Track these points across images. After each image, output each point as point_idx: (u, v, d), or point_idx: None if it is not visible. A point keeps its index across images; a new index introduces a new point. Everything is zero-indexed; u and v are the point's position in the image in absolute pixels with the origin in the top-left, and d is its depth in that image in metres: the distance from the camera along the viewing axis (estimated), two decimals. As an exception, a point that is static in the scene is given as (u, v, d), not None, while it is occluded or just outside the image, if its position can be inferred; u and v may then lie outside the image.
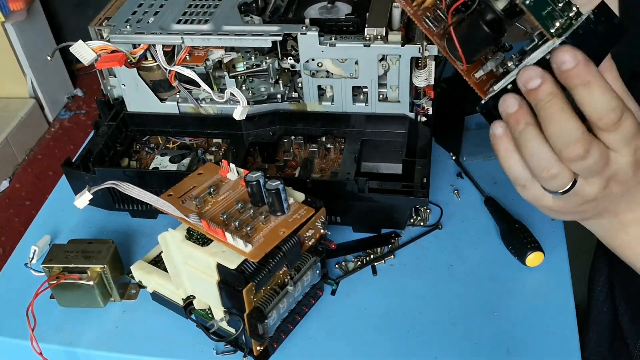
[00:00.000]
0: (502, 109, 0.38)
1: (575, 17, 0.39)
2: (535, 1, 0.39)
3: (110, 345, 0.55)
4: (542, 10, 0.39)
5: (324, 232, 0.53)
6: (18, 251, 0.65)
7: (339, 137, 0.67)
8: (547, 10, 0.39)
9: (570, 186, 0.39)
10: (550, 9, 0.39)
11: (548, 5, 0.39)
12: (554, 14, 0.39)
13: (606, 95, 0.35)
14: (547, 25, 0.39)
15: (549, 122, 0.37)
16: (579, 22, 0.38)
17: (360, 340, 0.54)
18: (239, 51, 0.65)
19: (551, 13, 0.39)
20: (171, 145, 0.70)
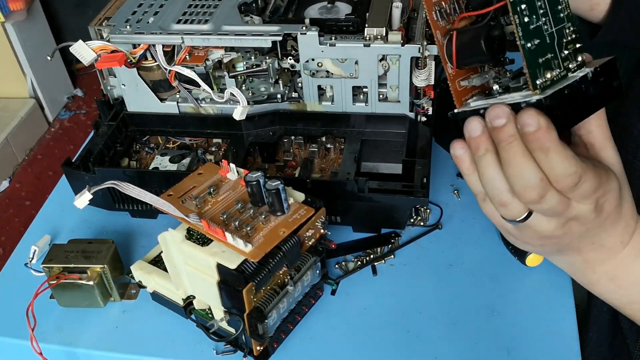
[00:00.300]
0: (465, 131, 0.39)
1: (575, 69, 0.38)
2: (537, 45, 0.38)
3: (110, 345, 0.55)
4: (539, 57, 0.38)
5: (324, 232, 0.53)
6: (18, 251, 0.65)
7: (339, 137, 0.67)
8: (546, 58, 0.38)
9: (523, 218, 0.40)
10: (551, 57, 0.38)
11: (550, 51, 0.38)
12: (551, 63, 0.38)
13: (564, 162, 0.36)
14: (536, 76, 0.38)
15: (507, 163, 0.37)
16: (571, 80, 0.37)
17: (360, 340, 0.54)
18: (239, 51, 0.65)
19: (549, 62, 0.38)
20: (171, 145, 0.70)
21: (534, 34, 0.38)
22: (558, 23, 0.38)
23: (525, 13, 0.38)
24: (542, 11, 0.38)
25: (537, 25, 0.38)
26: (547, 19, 0.38)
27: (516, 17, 0.38)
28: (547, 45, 0.38)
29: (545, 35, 0.38)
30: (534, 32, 0.38)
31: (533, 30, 0.38)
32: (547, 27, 0.38)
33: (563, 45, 0.38)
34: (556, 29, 0.38)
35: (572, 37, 0.38)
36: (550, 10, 0.38)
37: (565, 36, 0.38)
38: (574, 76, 0.37)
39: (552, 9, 0.38)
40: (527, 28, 0.38)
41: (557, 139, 0.35)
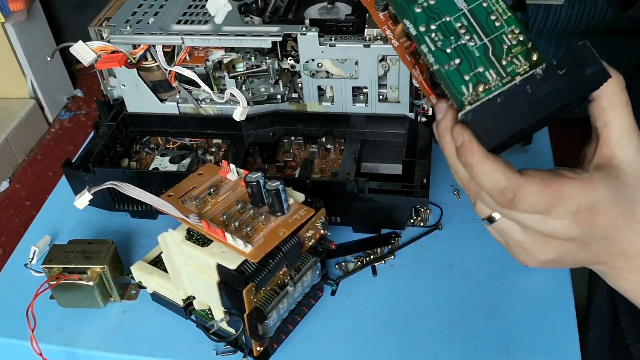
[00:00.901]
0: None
1: (528, 70, 0.36)
2: (461, 64, 0.37)
3: (110, 346, 0.55)
4: (465, 73, 0.37)
5: (324, 232, 0.53)
6: (18, 252, 0.65)
7: (339, 137, 0.67)
8: (476, 72, 0.37)
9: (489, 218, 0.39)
10: (484, 69, 0.37)
11: (481, 64, 0.37)
12: (485, 75, 0.37)
13: (491, 177, 0.34)
14: (461, 93, 0.37)
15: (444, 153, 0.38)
16: (508, 85, 0.36)
17: (361, 341, 0.54)
18: (239, 51, 0.65)
19: (482, 74, 0.37)
20: (171, 145, 0.70)
21: (453, 54, 0.38)
22: (492, 32, 0.38)
23: (437, 39, 0.38)
24: (463, 29, 0.38)
25: (456, 45, 0.38)
26: (472, 34, 0.38)
27: (423, 47, 0.38)
28: (477, 59, 0.37)
29: (471, 50, 0.38)
30: (453, 53, 0.38)
31: (452, 52, 0.38)
32: (473, 41, 0.38)
33: (504, 51, 0.37)
34: (489, 39, 0.38)
35: (517, 41, 0.37)
36: (477, 24, 0.38)
37: (505, 41, 0.37)
38: (514, 82, 0.36)
39: (481, 21, 0.38)
40: (442, 53, 0.38)
41: (479, 154, 0.34)
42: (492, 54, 0.37)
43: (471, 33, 0.38)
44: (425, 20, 0.38)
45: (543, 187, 0.34)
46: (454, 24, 0.38)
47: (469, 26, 0.38)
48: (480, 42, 0.37)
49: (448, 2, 0.38)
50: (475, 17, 0.38)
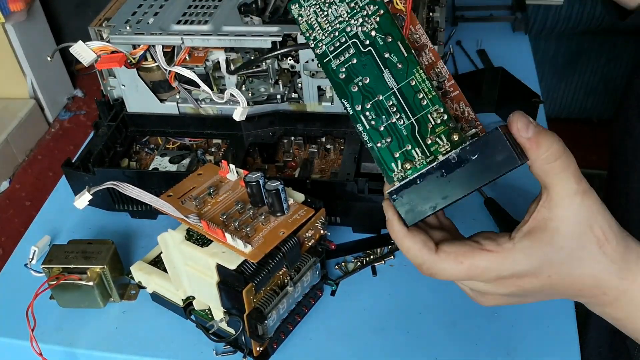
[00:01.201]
0: None
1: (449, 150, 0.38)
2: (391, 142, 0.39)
3: (110, 346, 0.55)
4: (395, 150, 0.39)
5: (323, 232, 0.53)
6: (18, 252, 0.65)
7: (339, 137, 0.67)
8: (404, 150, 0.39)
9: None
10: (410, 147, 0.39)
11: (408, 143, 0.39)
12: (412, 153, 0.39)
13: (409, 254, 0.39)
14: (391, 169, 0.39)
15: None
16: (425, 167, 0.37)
17: (360, 341, 0.54)
18: (239, 52, 0.65)
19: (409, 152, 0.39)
20: (171, 145, 0.70)
21: (384, 132, 0.39)
22: (418, 111, 0.39)
23: (370, 118, 0.39)
24: (393, 108, 0.39)
25: (387, 124, 0.39)
26: (402, 113, 0.39)
27: (359, 126, 0.40)
28: (405, 138, 0.39)
29: (400, 129, 0.39)
30: (384, 131, 0.39)
31: (384, 130, 0.39)
32: (402, 120, 0.39)
33: (428, 131, 0.38)
34: (416, 117, 0.39)
35: (441, 120, 0.38)
36: (406, 103, 0.39)
37: (430, 121, 0.38)
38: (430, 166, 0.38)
39: (409, 100, 0.39)
40: (375, 131, 0.39)
41: (399, 232, 0.39)
42: (417, 132, 0.39)
43: (400, 112, 0.39)
44: (360, 99, 0.40)
45: (456, 264, 0.38)
46: (386, 103, 0.39)
47: (398, 105, 0.39)
48: (408, 121, 0.39)
49: (380, 81, 0.39)
50: (404, 96, 0.39)
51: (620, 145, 0.66)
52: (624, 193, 0.66)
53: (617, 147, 0.68)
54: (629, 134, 0.64)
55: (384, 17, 0.39)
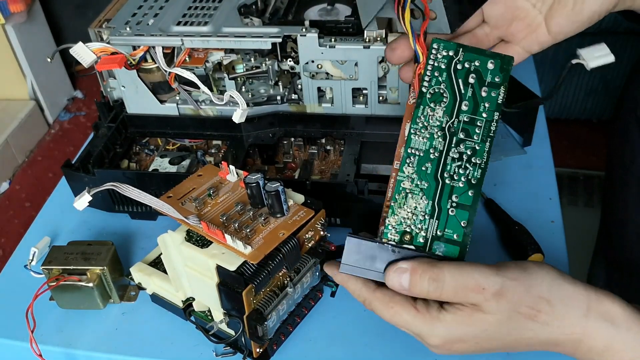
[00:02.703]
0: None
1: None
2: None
3: (109, 347, 0.55)
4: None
5: (323, 233, 0.53)
6: (18, 253, 0.65)
7: (339, 138, 0.67)
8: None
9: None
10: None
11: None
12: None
13: (354, 293, 0.45)
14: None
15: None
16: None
17: (360, 343, 0.54)
18: (239, 53, 0.65)
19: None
20: (171, 147, 0.70)
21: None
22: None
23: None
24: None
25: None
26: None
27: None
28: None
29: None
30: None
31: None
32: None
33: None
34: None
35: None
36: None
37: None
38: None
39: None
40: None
41: (340, 279, 0.46)
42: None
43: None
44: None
45: (386, 308, 0.43)
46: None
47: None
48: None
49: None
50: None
51: (618, 149, 0.66)
52: (622, 197, 0.66)
53: (614, 151, 0.68)
54: (626, 138, 0.64)
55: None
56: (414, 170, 0.43)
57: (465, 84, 0.43)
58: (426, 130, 0.43)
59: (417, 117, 0.44)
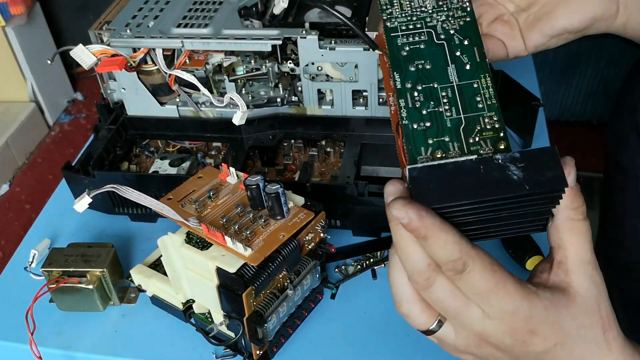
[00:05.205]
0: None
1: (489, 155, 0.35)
2: (429, 128, 0.37)
3: (109, 349, 0.55)
4: (430, 137, 0.37)
5: (323, 235, 0.53)
6: (17, 255, 0.65)
7: (339, 140, 0.67)
8: (440, 140, 0.37)
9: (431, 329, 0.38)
10: (449, 139, 0.37)
11: (448, 134, 0.37)
12: (448, 145, 0.37)
13: (445, 248, 0.33)
14: (418, 152, 0.37)
15: (396, 247, 0.35)
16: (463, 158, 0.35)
17: (360, 344, 0.54)
18: (239, 55, 0.65)
19: (445, 143, 0.37)
20: (171, 149, 0.70)
21: (426, 117, 0.38)
22: (472, 111, 0.38)
23: (417, 99, 0.39)
24: (445, 99, 0.39)
25: (432, 110, 0.38)
26: (453, 107, 0.38)
27: (401, 101, 0.39)
28: (447, 129, 0.38)
29: (445, 120, 0.38)
30: (427, 115, 0.38)
31: (426, 115, 0.38)
32: (450, 113, 0.38)
33: (475, 131, 0.37)
34: (467, 115, 0.38)
35: (492, 126, 0.38)
36: (461, 100, 0.39)
37: (480, 123, 0.38)
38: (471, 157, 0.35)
39: (466, 98, 0.39)
40: (415, 112, 0.38)
41: (433, 224, 0.33)
42: (463, 129, 0.38)
43: (451, 105, 0.39)
44: (414, 79, 0.39)
45: (490, 271, 0.34)
46: (439, 93, 0.39)
47: (452, 99, 0.39)
48: (457, 116, 0.38)
49: (441, 71, 0.39)
50: (461, 93, 0.39)
51: (616, 152, 0.66)
52: (620, 200, 0.66)
53: (612, 155, 0.68)
54: (623, 141, 0.64)
55: (470, 23, 0.41)
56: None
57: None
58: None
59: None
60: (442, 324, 0.37)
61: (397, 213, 0.33)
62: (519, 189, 0.33)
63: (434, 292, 0.35)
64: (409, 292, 0.37)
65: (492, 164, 0.34)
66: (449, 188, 0.34)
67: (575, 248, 0.36)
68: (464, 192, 0.34)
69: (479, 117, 0.38)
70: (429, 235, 0.33)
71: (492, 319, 0.35)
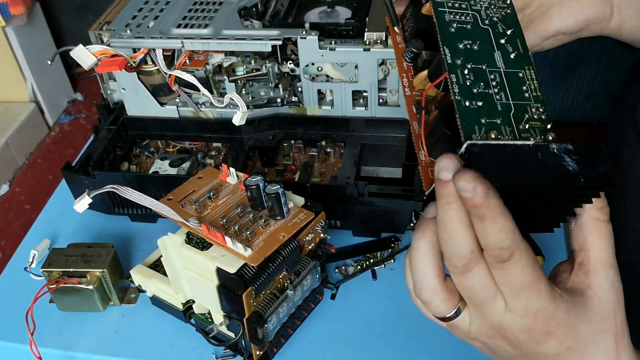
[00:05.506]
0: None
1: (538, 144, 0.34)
2: (481, 107, 0.36)
3: (109, 350, 0.55)
4: (483, 116, 0.35)
5: (323, 236, 0.53)
6: (18, 255, 0.65)
7: (339, 141, 0.67)
8: (493, 122, 0.35)
9: (448, 317, 0.37)
10: (501, 122, 0.36)
11: (501, 118, 0.36)
12: (501, 128, 0.35)
13: (499, 234, 0.32)
14: (473, 130, 0.35)
15: (441, 224, 0.33)
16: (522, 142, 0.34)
17: (360, 345, 0.54)
18: (239, 55, 0.65)
19: (497, 126, 0.35)
20: (171, 149, 0.70)
21: (477, 96, 0.37)
22: (520, 99, 0.37)
23: (468, 77, 0.38)
24: (494, 82, 0.38)
25: (483, 91, 0.37)
26: (502, 91, 0.38)
27: (453, 76, 0.37)
28: (498, 112, 0.36)
29: (496, 103, 0.37)
30: (478, 95, 0.37)
31: (477, 94, 0.37)
32: (500, 97, 0.37)
33: (524, 119, 0.37)
34: (515, 102, 0.37)
35: (539, 117, 0.37)
36: (509, 86, 0.38)
37: (528, 112, 0.37)
38: (529, 142, 0.35)
39: (513, 85, 0.38)
40: (467, 90, 0.37)
41: (496, 206, 0.31)
42: (513, 115, 0.37)
43: (500, 89, 0.38)
44: (463, 56, 0.38)
45: (532, 268, 0.33)
46: (488, 75, 0.38)
47: (500, 83, 0.38)
48: (506, 101, 0.37)
49: (489, 55, 0.39)
50: (509, 80, 0.38)
51: (616, 153, 0.66)
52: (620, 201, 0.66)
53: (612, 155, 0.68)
54: (624, 142, 0.64)
55: (511, 15, 0.41)
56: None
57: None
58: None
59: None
60: (460, 312, 0.37)
61: (464, 185, 0.30)
62: (575, 181, 0.33)
63: (468, 279, 0.34)
64: (434, 281, 0.36)
65: (548, 152, 0.34)
66: (511, 169, 0.33)
67: (599, 249, 0.35)
68: (527, 176, 0.33)
69: (527, 106, 0.37)
70: (489, 217, 0.31)
71: (514, 314, 0.34)
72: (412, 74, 0.44)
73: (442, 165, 0.32)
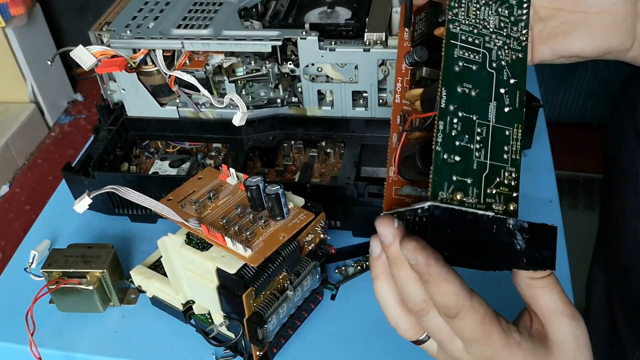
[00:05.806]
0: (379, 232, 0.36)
1: (499, 213, 0.35)
2: (457, 163, 0.35)
3: (109, 350, 0.55)
4: (455, 174, 0.35)
5: (323, 236, 0.53)
6: (17, 256, 0.65)
7: (339, 141, 0.67)
8: (463, 180, 0.35)
9: (419, 340, 0.40)
10: (471, 182, 0.36)
11: (471, 177, 0.36)
12: (468, 189, 0.35)
13: (444, 296, 0.33)
14: (441, 187, 0.35)
15: (394, 277, 0.36)
16: (482, 212, 0.34)
17: (360, 345, 0.54)
18: (239, 56, 0.65)
19: (466, 185, 0.35)
20: (171, 149, 0.71)
21: (457, 150, 0.36)
22: (497, 160, 0.37)
23: (455, 127, 0.37)
24: (479, 137, 0.37)
25: (465, 145, 0.36)
26: (483, 149, 0.37)
27: (441, 124, 0.36)
28: (472, 171, 0.36)
29: (473, 160, 0.36)
30: (458, 149, 0.36)
31: (458, 147, 0.36)
32: (479, 154, 0.37)
33: (494, 182, 0.36)
34: (492, 162, 0.37)
35: (509, 182, 0.37)
36: (492, 144, 0.37)
37: (500, 176, 0.37)
38: (489, 213, 0.34)
39: (495, 144, 0.37)
40: (450, 141, 0.36)
41: (438, 274, 0.33)
42: (485, 176, 0.37)
43: (482, 146, 0.37)
44: (458, 102, 0.37)
45: (480, 323, 0.34)
46: (475, 128, 0.37)
47: (484, 139, 0.37)
48: (484, 160, 0.37)
49: (484, 105, 0.38)
50: (494, 137, 0.37)
51: (616, 153, 0.66)
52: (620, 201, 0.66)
53: (612, 155, 0.68)
54: (624, 142, 0.64)
55: (521, 61, 0.40)
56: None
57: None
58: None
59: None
60: (429, 337, 0.39)
61: (406, 254, 0.33)
62: (519, 260, 0.34)
63: (425, 321, 0.36)
64: (397, 309, 0.38)
65: (504, 227, 0.34)
66: (462, 240, 0.34)
67: (543, 300, 0.36)
68: (474, 252, 0.34)
69: (501, 169, 0.37)
70: (432, 282, 0.33)
71: (471, 355, 0.36)
72: (408, 79, 0.43)
73: (384, 233, 0.34)
